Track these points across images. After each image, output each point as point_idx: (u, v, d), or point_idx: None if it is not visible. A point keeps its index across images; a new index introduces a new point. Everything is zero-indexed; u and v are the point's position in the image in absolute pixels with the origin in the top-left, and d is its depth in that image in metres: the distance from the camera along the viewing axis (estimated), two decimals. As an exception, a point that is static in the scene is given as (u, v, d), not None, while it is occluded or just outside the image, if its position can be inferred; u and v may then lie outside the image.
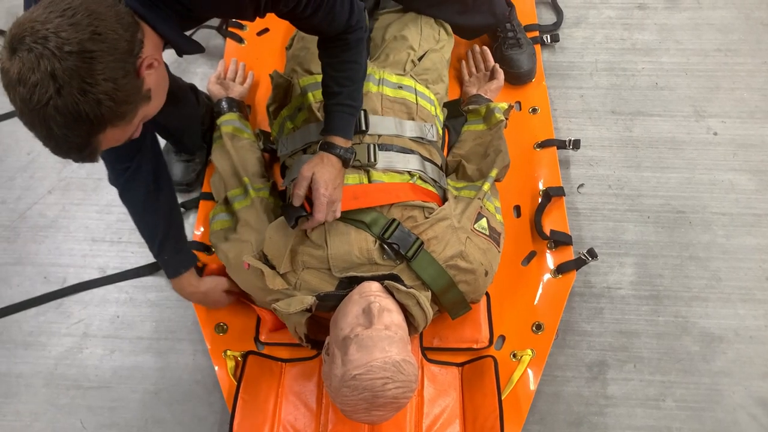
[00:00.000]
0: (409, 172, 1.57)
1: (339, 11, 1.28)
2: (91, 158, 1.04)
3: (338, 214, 1.41)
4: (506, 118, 1.78)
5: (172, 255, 1.55)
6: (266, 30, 2.19)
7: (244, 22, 2.19)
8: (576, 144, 1.87)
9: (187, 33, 1.23)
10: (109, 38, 0.95)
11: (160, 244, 1.52)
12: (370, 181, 1.52)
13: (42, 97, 0.92)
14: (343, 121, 1.43)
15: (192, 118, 1.83)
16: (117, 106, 0.98)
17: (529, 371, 1.57)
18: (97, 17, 0.95)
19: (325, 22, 1.29)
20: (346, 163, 1.43)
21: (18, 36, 0.92)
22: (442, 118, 1.82)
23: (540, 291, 1.68)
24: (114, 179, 1.49)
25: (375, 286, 1.41)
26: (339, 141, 1.42)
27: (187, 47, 1.21)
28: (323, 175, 1.36)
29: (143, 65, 1.02)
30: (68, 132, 0.96)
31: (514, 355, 1.59)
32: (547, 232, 1.73)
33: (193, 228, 1.84)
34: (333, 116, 1.43)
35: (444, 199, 1.62)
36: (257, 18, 1.22)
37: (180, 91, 1.74)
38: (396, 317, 1.37)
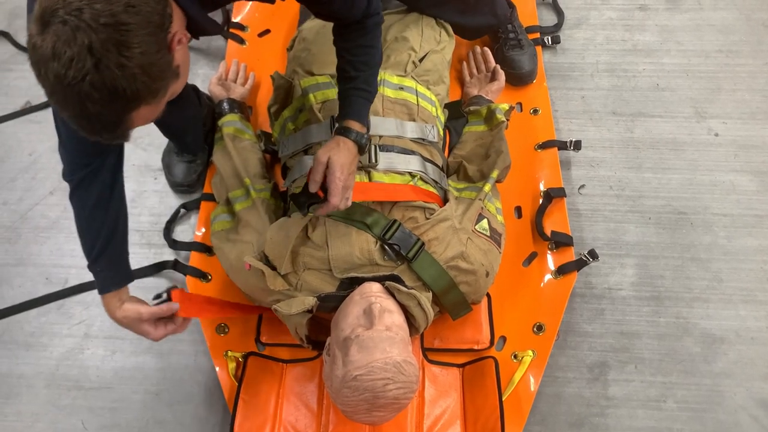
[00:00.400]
0: (410, 173, 1.57)
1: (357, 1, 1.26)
2: (123, 137, 1.01)
3: (350, 203, 1.38)
4: (507, 119, 1.79)
5: (105, 268, 1.39)
6: (267, 31, 2.19)
7: (246, 24, 2.19)
8: (577, 145, 1.87)
9: None
10: (142, 11, 0.92)
11: (98, 253, 1.38)
12: (370, 182, 1.52)
13: (78, 73, 0.87)
14: (359, 105, 1.41)
15: (195, 118, 1.83)
16: (151, 82, 0.95)
17: (530, 372, 1.56)
18: None
19: (345, 9, 1.27)
20: (361, 149, 1.40)
21: (50, 9, 0.87)
22: (443, 119, 1.82)
23: (541, 292, 1.68)
24: (69, 173, 1.36)
25: (376, 287, 1.41)
26: (355, 126, 1.39)
27: (208, 26, 1.18)
28: (339, 159, 1.33)
29: (174, 40, 0.99)
30: (103, 109, 0.92)
31: (515, 356, 1.59)
32: (548, 233, 1.73)
33: (195, 229, 1.84)
34: (349, 101, 1.41)
35: (445, 200, 1.62)
36: (276, 1, 1.19)
37: (183, 91, 1.73)
38: (397, 318, 1.37)
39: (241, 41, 2.17)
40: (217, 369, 1.61)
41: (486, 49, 2.02)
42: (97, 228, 1.38)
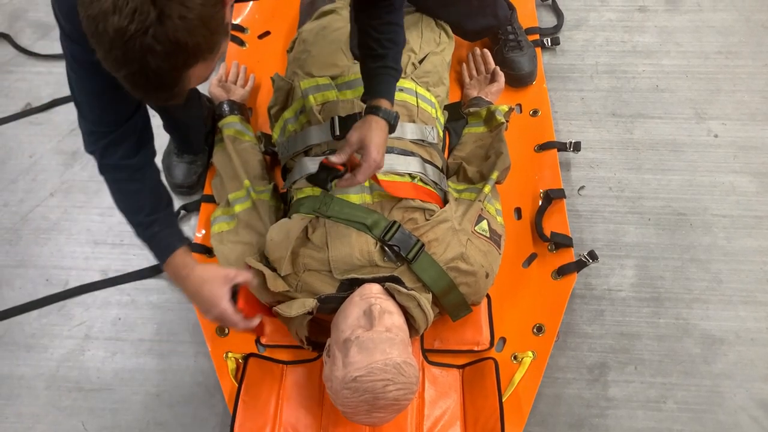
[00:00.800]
0: (409, 174, 1.58)
1: None
2: (179, 97, 0.99)
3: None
4: (507, 121, 1.79)
5: (164, 228, 1.33)
6: (267, 33, 2.19)
7: (246, 25, 2.20)
8: (577, 146, 1.87)
9: None
10: None
11: (149, 214, 1.32)
12: (370, 183, 1.53)
13: (141, 25, 0.85)
14: (388, 84, 1.40)
15: (198, 117, 1.83)
16: (210, 35, 0.93)
17: (530, 373, 1.56)
18: None
19: None
20: (392, 128, 1.40)
21: None
22: (442, 120, 1.82)
23: (541, 293, 1.68)
24: (93, 143, 1.30)
25: (376, 288, 1.41)
26: (385, 104, 1.38)
27: None
28: (374, 139, 1.33)
29: None
30: (164, 64, 0.90)
31: (515, 357, 1.59)
32: (548, 234, 1.73)
33: (195, 230, 1.84)
34: (379, 79, 1.40)
35: (445, 202, 1.62)
36: None
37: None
38: (397, 319, 1.37)
39: (241, 43, 2.17)
40: (218, 370, 1.61)
41: (485, 50, 2.02)
42: (138, 191, 1.34)
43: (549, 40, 2.14)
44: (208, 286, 1.31)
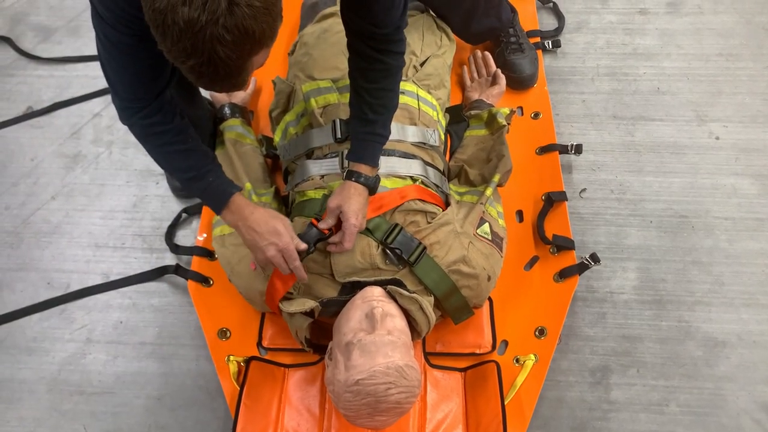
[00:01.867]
0: (411, 177, 1.58)
1: (397, 4, 1.25)
2: (243, 84, 1.01)
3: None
4: (508, 123, 1.79)
5: (216, 178, 1.39)
6: (269, 36, 2.19)
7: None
8: (578, 149, 1.87)
9: None
10: None
11: (200, 168, 1.37)
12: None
13: (212, 15, 0.86)
14: (374, 150, 1.43)
15: (202, 119, 1.83)
16: (272, 21, 0.94)
17: (532, 376, 1.56)
18: None
19: (383, 9, 1.25)
20: (372, 191, 1.43)
21: None
22: (444, 123, 1.82)
23: (543, 296, 1.68)
24: (129, 116, 1.33)
25: (378, 291, 1.41)
26: (365, 170, 1.42)
27: None
28: (351, 206, 1.38)
29: None
30: (232, 53, 0.91)
31: (517, 360, 1.59)
32: (550, 237, 1.73)
33: (196, 233, 1.84)
34: (363, 145, 1.43)
35: (446, 204, 1.62)
36: None
37: (195, 89, 1.74)
38: (399, 322, 1.37)
39: (243, 46, 2.17)
40: (219, 373, 1.61)
41: (487, 53, 2.02)
42: (187, 150, 1.38)
43: (550, 42, 2.14)
44: (278, 221, 1.37)
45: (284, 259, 1.36)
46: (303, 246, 1.38)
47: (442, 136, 1.77)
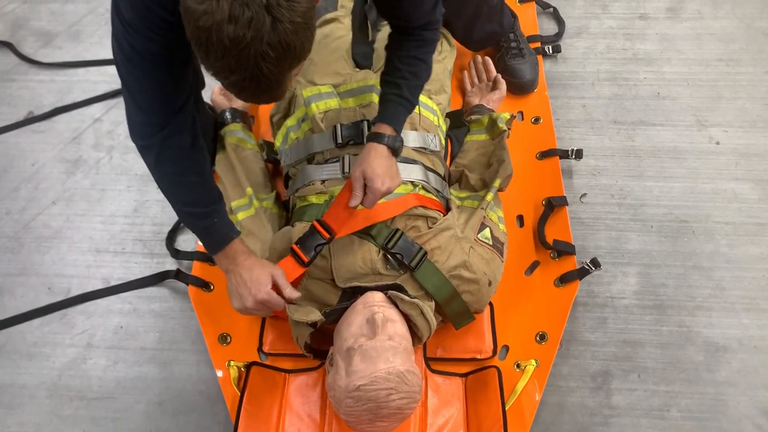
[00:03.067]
0: (412, 182, 1.58)
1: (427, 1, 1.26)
2: (281, 97, 1.03)
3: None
4: (509, 128, 1.79)
5: (219, 219, 1.39)
6: (269, 41, 2.19)
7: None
8: (578, 154, 1.87)
9: None
10: None
11: (205, 206, 1.37)
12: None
13: (257, 33, 0.88)
14: (397, 112, 1.41)
15: (205, 123, 1.84)
16: (311, 35, 0.97)
17: (534, 381, 1.56)
18: None
19: (412, 9, 1.26)
20: (395, 152, 1.41)
21: None
22: (444, 128, 1.82)
23: (543, 301, 1.68)
24: (150, 135, 1.30)
25: (378, 296, 1.41)
26: (387, 130, 1.40)
27: None
28: (375, 169, 1.35)
29: None
30: (275, 68, 0.93)
31: (518, 366, 1.59)
32: (550, 242, 1.73)
33: (197, 239, 1.84)
34: (388, 105, 1.41)
35: (447, 209, 1.62)
36: None
37: (198, 94, 1.75)
38: (400, 327, 1.37)
39: (243, 51, 2.17)
40: (220, 379, 1.60)
41: (487, 58, 2.03)
42: (195, 183, 1.37)
43: (550, 47, 2.15)
44: (267, 270, 1.37)
45: (266, 307, 1.38)
46: (295, 295, 1.38)
47: (443, 141, 1.77)
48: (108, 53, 2.25)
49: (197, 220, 1.39)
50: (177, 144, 1.31)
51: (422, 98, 1.74)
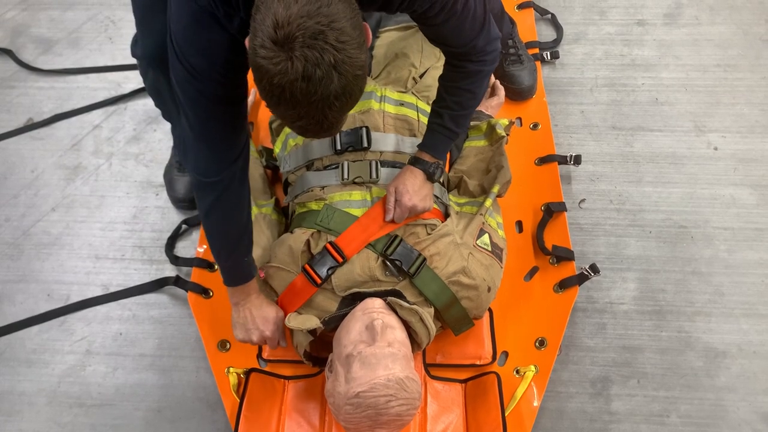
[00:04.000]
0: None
1: (469, 28, 1.28)
2: (336, 132, 1.08)
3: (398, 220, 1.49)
4: (507, 134, 1.80)
5: (250, 255, 1.45)
6: (269, 48, 2.20)
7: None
8: (577, 159, 1.88)
9: None
10: (357, 24, 0.97)
11: (244, 239, 1.43)
12: (372, 198, 1.53)
13: (327, 89, 0.94)
14: (438, 141, 1.48)
15: None
16: (365, 80, 1.03)
17: (533, 387, 1.56)
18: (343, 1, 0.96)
19: (452, 35, 1.29)
20: (430, 177, 1.49)
21: (289, 34, 0.91)
22: (443, 134, 1.82)
23: (543, 307, 1.68)
24: (216, 171, 1.31)
25: (378, 302, 1.41)
26: (426, 157, 1.48)
27: None
28: (406, 186, 1.45)
29: None
30: (339, 114, 1.00)
31: (518, 371, 1.59)
32: (549, 248, 1.73)
33: (196, 245, 1.84)
34: (431, 134, 1.49)
35: (446, 215, 1.62)
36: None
37: None
38: (399, 334, 1.37)
39: (243, 58, 2.18)
40: (219, 385, 1.60)
41: (486, 64, 2.03)
42: (238, 222, 1.41)
43: (549, 53, 2.15)
44: (273, 309, 1.49)
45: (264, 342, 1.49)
46: (284, 344, 1.52)
47: (442, 147, 1.78)
48: (107, 60, 2.28)
49: (230, 252, 1.42)
50: (238, 179, 1.35)
51: (421, 104, 1.75)
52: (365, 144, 1.60)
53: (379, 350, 1.29)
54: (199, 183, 1.34)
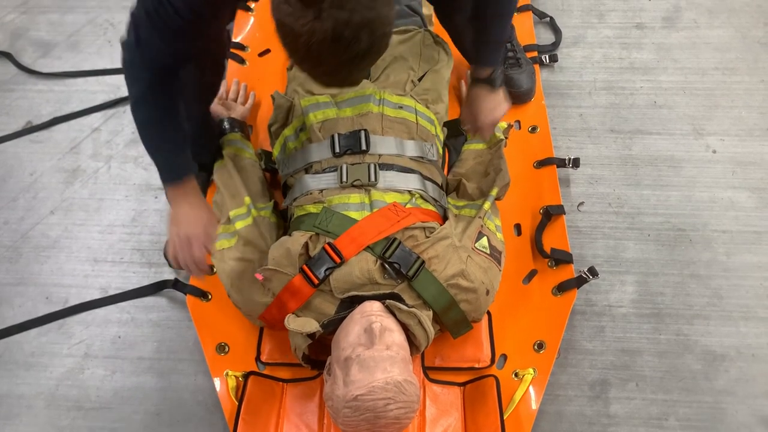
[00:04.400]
0: (409, 192, 1.58)
1: None
2: (359, 83, 1.11)
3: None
4: (506, 137, 1.80)
5: (188, 153, 1.46)
6: (268, 51, 2.21)
7: (246, 44, 2.21)
8: (575, 162, 1.88)
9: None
10: None
11: (180, 133, 1.41)
12: (371, 201, 1.53)
13: (357, 50, 0.94)
14: (486, 52, 1.60)
15: (214, 85, 1.84)
16: (391, 34, 1.03)
17: (531, 390, 1.56)
18: None
19: None
20: (493, 85, 1.63)
21: None
22: (442, 137, 1.83)
23: (541, 310, 1.68)
24: (148, 68, 1.31)
25: (376, 305, 1.41)
26: (484, 72, 1.62)
27: None
28: (479, 106, 1.62)
29: None
30: (363, 72, 1.04)
31: (516, 374, 1.59)
32: (548, 251, 1.73)
33: (195, 248, 1.84)
34: (480, 48, 1.60)
35: (444, 218, 1.62)
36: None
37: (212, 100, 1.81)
38: (397, 337, 1.37)
39: (242, 61, 2.19)
40: (218, 389, 1.60)
41: (484, 67, 2.04)
42: (178, 124, 1.41)
43: (547, 57, 2.16)
44: (204, 210, 1.48)
45: (190, 245, 1.45)
46: (211, 250, 1.50)
47: (440, 151, 1.78)
48: (106, 63, 2.29)
49: (163, 143, 1.40)
50: (166, 93, 1.35)
51: (420, 108, 1.75)
52: (364, 147, 1.60)
53: (377, 353, 1.29)
54: (133, 60, 1.32)
